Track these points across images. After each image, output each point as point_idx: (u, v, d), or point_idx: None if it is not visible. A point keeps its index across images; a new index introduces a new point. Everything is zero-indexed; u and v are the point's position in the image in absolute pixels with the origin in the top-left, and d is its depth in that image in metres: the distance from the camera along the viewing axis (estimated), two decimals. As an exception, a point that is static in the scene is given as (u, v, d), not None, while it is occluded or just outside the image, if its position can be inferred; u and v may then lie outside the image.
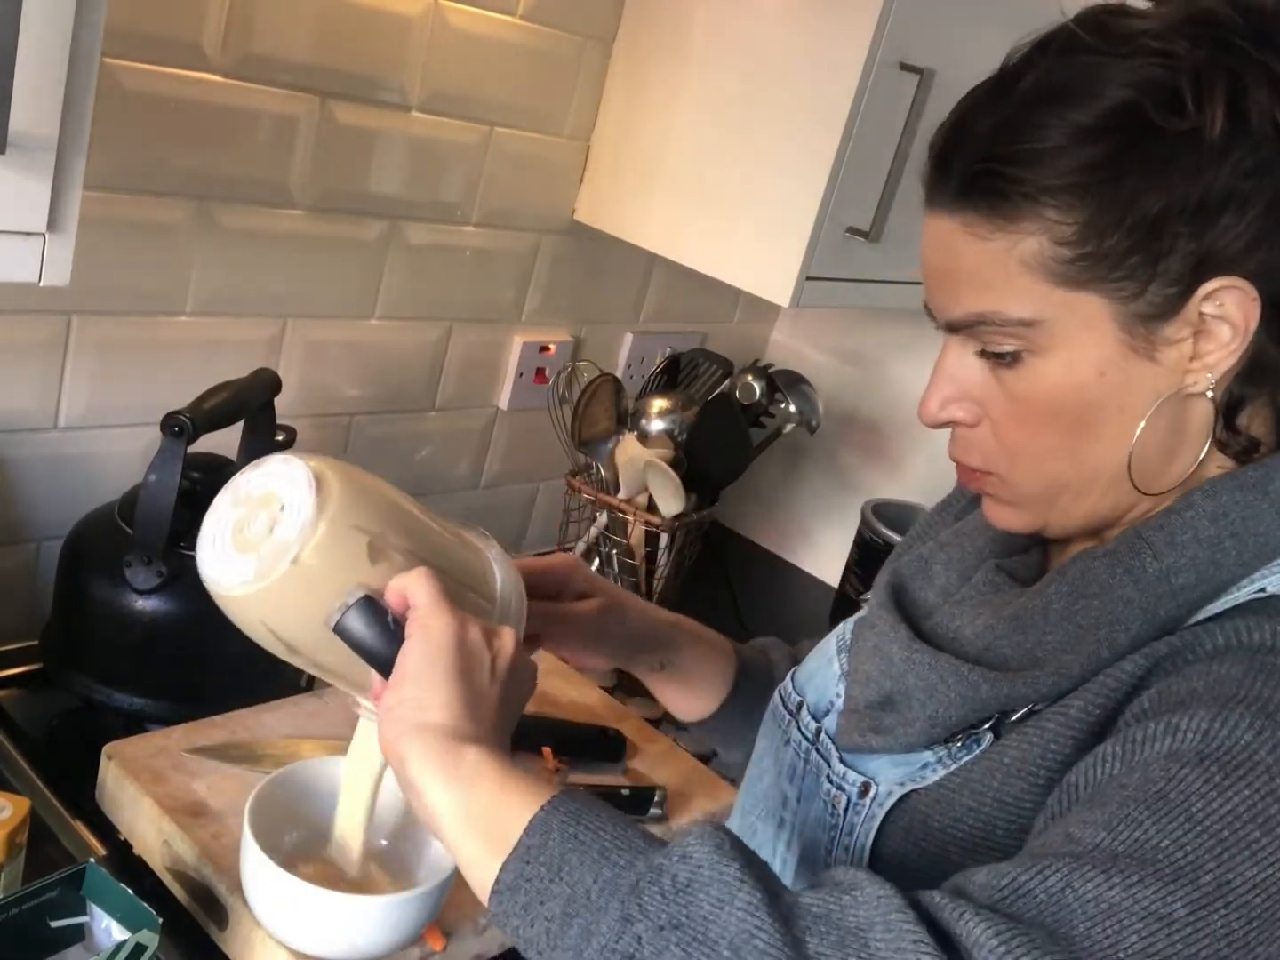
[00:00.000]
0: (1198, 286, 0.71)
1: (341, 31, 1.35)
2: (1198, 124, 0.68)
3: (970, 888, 0.64)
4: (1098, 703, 0.73)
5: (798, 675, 0.98)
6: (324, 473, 0.76)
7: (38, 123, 0.78)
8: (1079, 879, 0.62)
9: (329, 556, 0.74)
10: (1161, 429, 0.75)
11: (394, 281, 1.54)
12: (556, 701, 1.35)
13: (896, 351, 2.01)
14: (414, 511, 0.82)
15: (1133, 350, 0.73)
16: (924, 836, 0.80)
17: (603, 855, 0.65)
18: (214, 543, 0.77)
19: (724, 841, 0.65)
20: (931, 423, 0.81)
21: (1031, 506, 0.81)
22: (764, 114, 1.47)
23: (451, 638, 0.73)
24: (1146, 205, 0.69)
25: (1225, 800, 0.63)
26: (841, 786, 0.86)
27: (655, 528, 1.68)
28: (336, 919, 0.91)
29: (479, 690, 0.73)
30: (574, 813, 0.67)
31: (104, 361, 1.32)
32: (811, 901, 0.63)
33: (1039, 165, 0.71)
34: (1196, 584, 0.73)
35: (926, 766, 0.81)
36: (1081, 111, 0.70)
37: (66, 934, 0.91)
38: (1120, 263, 0.71)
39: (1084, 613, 0.76)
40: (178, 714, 1.17)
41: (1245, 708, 0.65)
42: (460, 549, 0.84)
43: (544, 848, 0.66)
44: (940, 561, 0.91)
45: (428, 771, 0.70)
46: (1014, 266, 0.73)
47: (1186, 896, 0.61)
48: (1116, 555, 0.76)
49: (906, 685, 0.82)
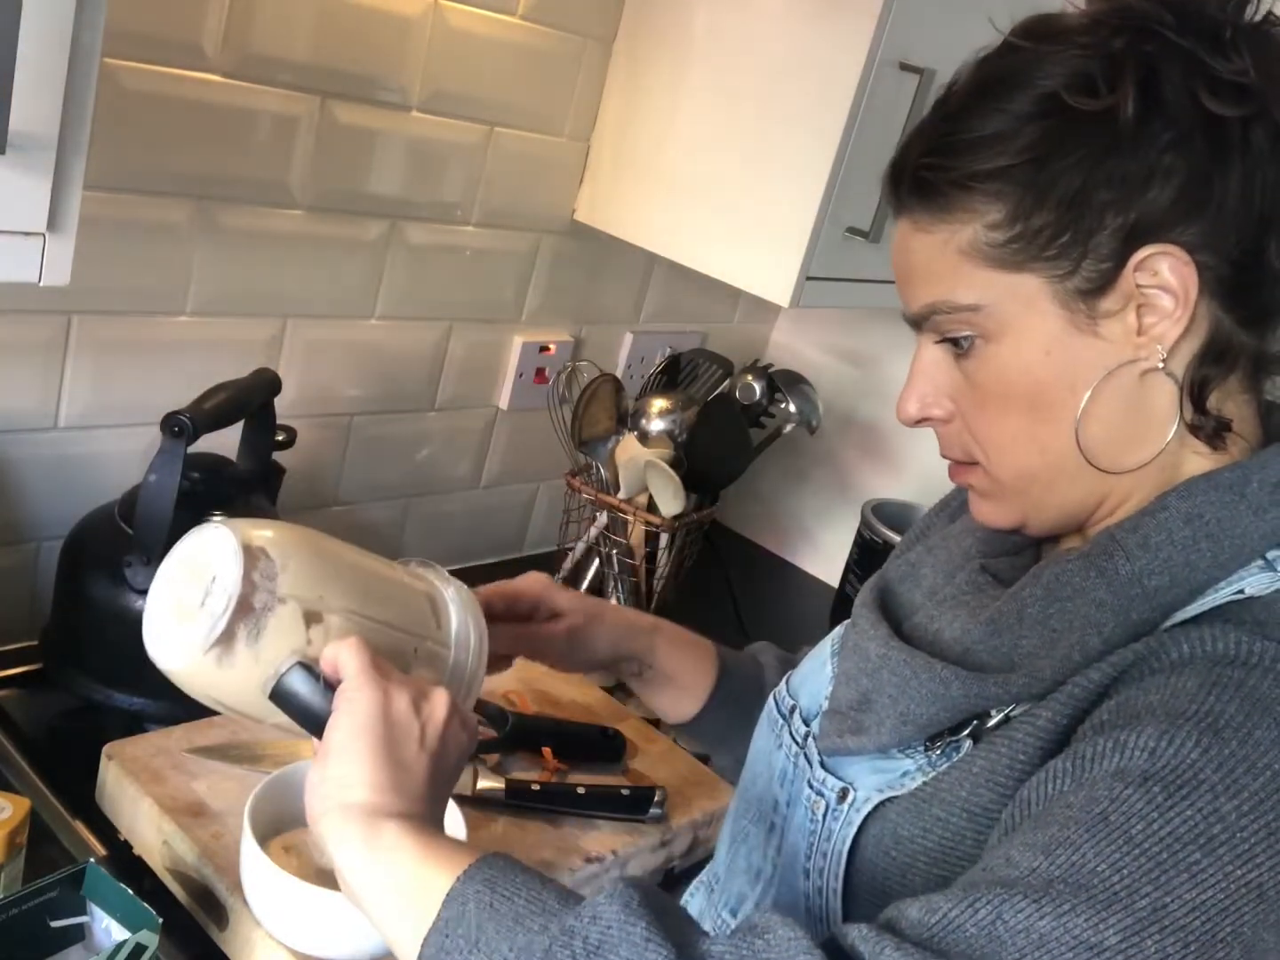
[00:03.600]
0: (1129, 257, 0.72)
1: (341, 31, 1.35)
2: (1111, 104, 0.71)
3: (902, 923, 0.64)
4: (1065, 712, 0.73)
5: (792, 679, 0.98)
6: (253, 541, 0.76)
7: (38, 123, 0.78)
8: (1009, 910, 0.61)
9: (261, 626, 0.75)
10: (1117, 407, 0.75)
11: (394, 281, 1.54)
12: (556, 701, 1.35)
13: (896, 351, 2.00)
14: (359, 564, 0.82)
15: (1075, 327, 0.74)
16: (894, 845, 0.80)
17: (517, 921, 0.65)
18: (154, 614, 0.78)
19: (633, 899, 0.64)
20: (909, 422, 0.83)
21: (1007, 498, 0.82)
22: (764, 114, 1.47)
23: (376, 712, 0.73)
24: (1068, 184, 0.72)
25: (1166, 822, 0.63)
26: (821, 792, 0.86)
27: (655, 528, 1.68)
28: (336, 919, 0.91)
29: (404, 764, 0.73)
30: (489, 880, 0.67)
31: (104, 361, 1.32)
32: (723, 949, 0.63)
33: (968, 154, 0.74)
34: (1170, 586, 0.73)
35: (906, 775, 0.81)
36: (1009, 102, 0.74)
37: (66, 934, 0.91)
38: (1051, 242, 0.73)
39: (1058, 616, 0.76)
40: (178, 714, 1.17)
41: (1194, 725, 0.65)
42: (410, 596, 0.84)
43: (461, 919, 0.66)
44: (928, 564, 0.91)
45: (347, 849, 0.71)
46: (954, 255, 0.76)
47: (1119, 923, 0.60)
48: (1089, 557, 0.76)
49: (880, 682, 0.82)
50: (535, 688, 1.35)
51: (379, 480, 1.66)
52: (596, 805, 1.18)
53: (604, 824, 1.17)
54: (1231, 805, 0.63)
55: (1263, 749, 0.64)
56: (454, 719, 0.77)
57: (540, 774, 1.21)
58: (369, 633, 0.78)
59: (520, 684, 1.34)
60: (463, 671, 0.84)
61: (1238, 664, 0.68)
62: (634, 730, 1.32)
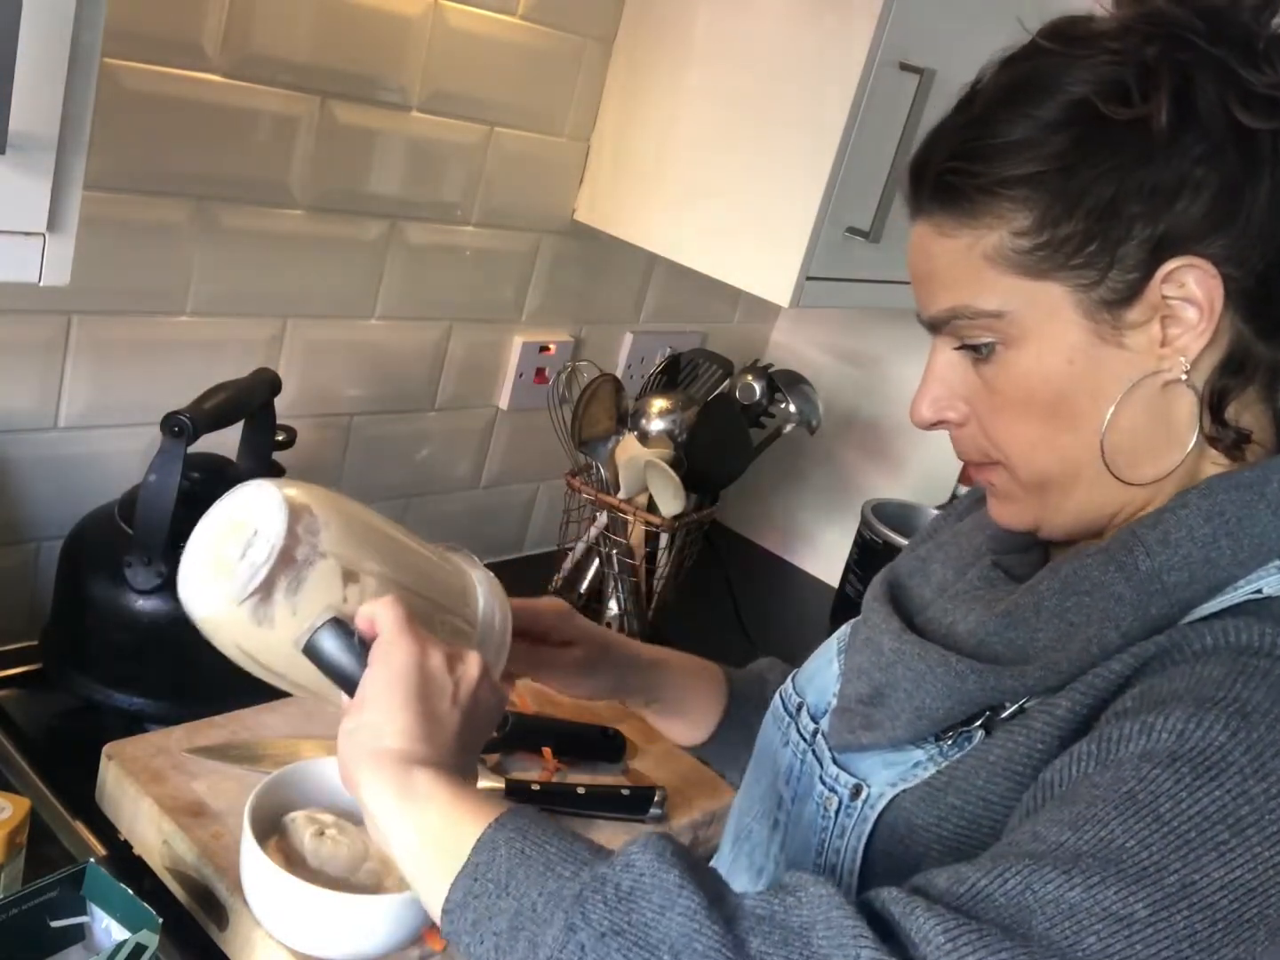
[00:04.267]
0: (1156, 269, 0.72)
1: (341, 31, 1.35)
2: (1144, 113, 0.70)
3: (931, 890, 0.64)
4: (1085, 703, 0.73)
5: (798, 677, 0.98)
6: (296, 499, 0.77)
7: (38, 123, 0.78)
8: (1038, 880, 0.62)
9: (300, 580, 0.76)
10: (1140, 418, 0.75)
11: (394, 281, 1.54)
12: (556, 701, 1.35)
13: (896, 351, 2.01)
14: (393, 535, 0.83)
15: (1099, 337, 0.74)
16: (908, 834, 0.80)
17: (548, 868, 0.66)
18: (190, 566, 0.78)
19: (665, 849, 0.65)
20: (923, 424, 0.82)
21: (1025, 500, 0.81)
22: (764, 114, 1.47)
23: (412, 664, 0.74)
24: (1099, 193, 0.72)
25: (1195, 801, 0.63)
26: (834, 788, 0.86)
27: (655, 528, 1.68)
28: (336, 919, 0.91)
29: (437, 716, 0.74)
30: (521, 829, 0.68)
31: (104, 361, 1.32)
32: (755, 904, 0.64)
33: (996, 160, 0.74)
34: (1190, 583, 0.73)
35: (918, 765, 0.81)
36: (1038, 108, 0.73)
37: (66, 934, 0.91)
38: (1078, 251, 0.73)
39: (1075, 610, 0.76)
40: (178, 714, 1.17)
41: (1222, 709, 0.65)
42: (441, 572, 0.85)
43: (491, 864, 0.67)
44: (938, 560, 0.91)
45: (380, 795, 0.72)
46: (978, 260, 0.76)
47: (1148, 897, 0.61)
48: (1109, 552, 0.76)
49: (895, 676, 0.82)
50: (535, 687, 1.35)
51: (379, 480, 1.66)
52: (596, 805, 1.18)
53: (604, 824, 1.17)
54: (1260, 788, 0.63)
55: None
56: (486, 680, 0.77)
57: (540, 774, 1.21)
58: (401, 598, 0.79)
59: (520, 684, 1.34)
60: (488, 653, 0.84)
61: (1263, 654, 0.68)
62: (634, 730, 1.32)
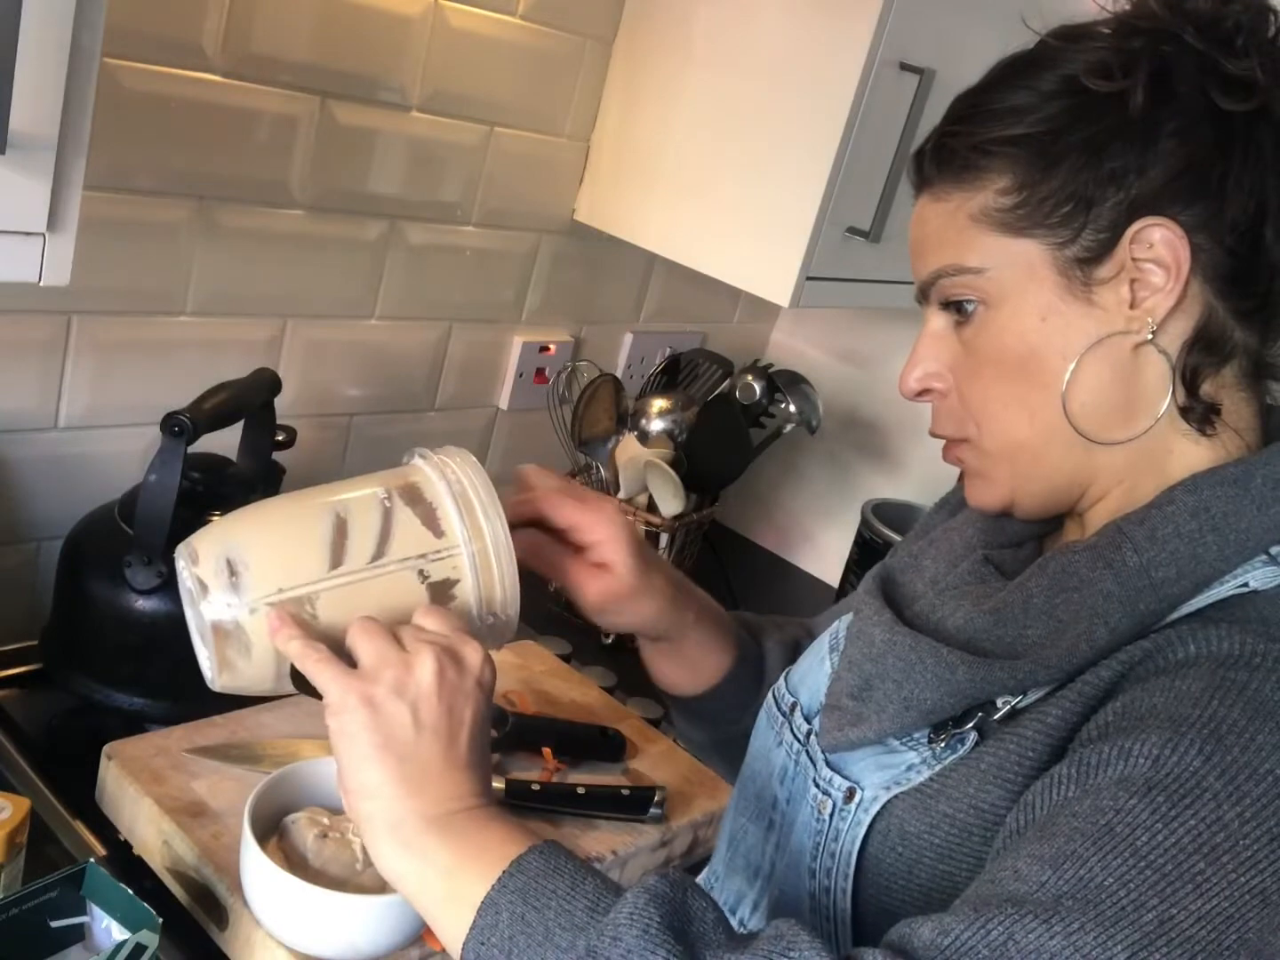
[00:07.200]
0: (1126, 228, 0.75)
1: (341, 31, 1.35)
2: (1124, 87, 0.75)
3: (915, 942, 0.65)
4: (1075, 710, 0.74)
5: (791, 676, 0.97)
6: (202, 562, 0.80)
7: (38, 123, 0.78)
8: (1020, 930, 0.62)
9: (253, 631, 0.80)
10: (1106, 375, 0.77)
11: (394, 281, 1.54)
12: (556, 701, 1.35)
13: (896, 351, 2.00)
14: (316, 524, 0.81)
15: (1070, 294, 0.77)
16: (900, 841, 0.80)
17: (547, 937, 0.67)
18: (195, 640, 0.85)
19: (651, 923, 0.65)
20: (909, 394, 0.85)
21: (996, 473, 0.83)
22: (764, 114, 1.47)
23: (361, 721, 0.74)
24: (1077, 157, 0.76)
25: (1170, 832, 0.64)
26: (828, 791, 0.86)
27: (655, 528, 1.67)
28: (336, 919, 0.91)
29: (407, 757, 0.74)
30: (521, 890, 0.69)
31: (104, 361, 1.32)
32: None
33: (991, 121, 0.78)
34: (1177, 578, 0.74)
35: (911, 768, 0.81)
36: (1035, 80, 0.78)
37: (66, 934, 0.91)
38: (1055, 210, 0.76)
39: (1064, 606, 0.76)
40: (178, 714, 1.17)
41: (1197, 731, 0.66)
42: (389, 525, 0.82)
43: (494, 929, 0.69)
44: (930, 555, 0.91)
45: (383, 860, 0.74)
46: (964, 221, 0.79)
47: (1126, 939, 0.62)
48: (1097, 549, 0.77)
49: (885, 667, 0.82)
50: (535, 687, 1.35)
51: (379, 480, 1.66)
52: (596, 805, 1.18)
53: (604, 824, 1.17)
54: (1234, 812, 0.64)
55: (1264, 754, 0.65)
56: (445, 675, 0.75)
57: (540, 774, 1.21)
58: (359, 588, 0.80)
59: (520, 684, 1.34)
60: (488, 558, 0.83)
61: (1241, 665, 0.69)
62: (634, 730, 1.32)
